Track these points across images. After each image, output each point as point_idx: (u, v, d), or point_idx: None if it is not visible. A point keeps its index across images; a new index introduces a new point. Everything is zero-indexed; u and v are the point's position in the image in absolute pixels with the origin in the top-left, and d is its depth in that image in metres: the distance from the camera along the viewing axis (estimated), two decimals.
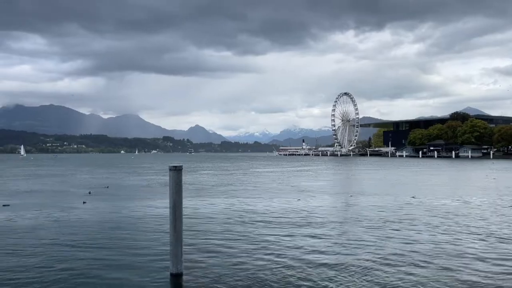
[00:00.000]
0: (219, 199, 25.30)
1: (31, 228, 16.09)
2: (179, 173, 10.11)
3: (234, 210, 20.55)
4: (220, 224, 16.66)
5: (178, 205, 9.97)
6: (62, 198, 26.34)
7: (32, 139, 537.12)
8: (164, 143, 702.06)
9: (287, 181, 40.09)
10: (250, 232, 15.04)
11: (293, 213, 19.44)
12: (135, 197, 27.01)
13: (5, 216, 18.92)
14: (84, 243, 13.32)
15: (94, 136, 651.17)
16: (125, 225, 16.56)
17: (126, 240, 13.76)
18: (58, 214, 19.62)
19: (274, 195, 27.13)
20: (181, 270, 10.02)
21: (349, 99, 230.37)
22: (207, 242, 13.43)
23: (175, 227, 9.94)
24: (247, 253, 12.02)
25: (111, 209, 21.00)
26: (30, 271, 10.39)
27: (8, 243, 13.61)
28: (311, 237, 14.13)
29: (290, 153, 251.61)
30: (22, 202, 24.62)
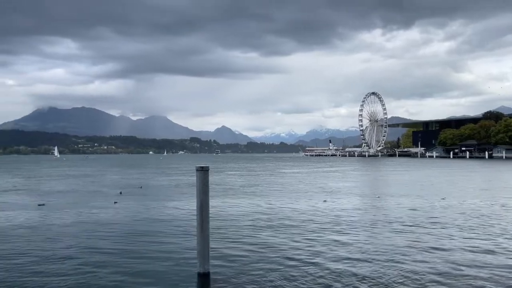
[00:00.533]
0: (246, 200, 25.40)
1: (64, 227, 16.61)
2: (206, 173, 10.20)
3: (260, 211, 20.59)
4: (246, 225, 16.73)
5: (205, 205, 10.06)
6: (94, 198, 27.06)
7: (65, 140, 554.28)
8: (191, 144, 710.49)
9: (314, 182, 39.82)
10: (277, 233, 15.03)
11: (319, 214, 19.31)
12: (163, 197, 27.46)
13: (41, 215, 19.65)
14: (114, 243, 13.61)
15: (123, 137, 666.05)
16: (153, 225, 16.86)
17: (154, 240, 13.98)
18: (90, 213, 20.21)
19: (300, 196, 26.99)
20: (208, 269, 10.10)
21: (377, 98, 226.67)
22: (234, 242, 13.51)
23: (202, 227, 10.03)
24: (274, 254, 12.00)
25: (140, 209, 21.42)
26: (60, 270, 10.63)
27: (41, 241, 14.09)
28: (337, 239, 13.96)
29: (316, 153, 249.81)
30: (56, 201, 25.47)
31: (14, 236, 14.76)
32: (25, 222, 17.74)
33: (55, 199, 26.62)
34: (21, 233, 15.42)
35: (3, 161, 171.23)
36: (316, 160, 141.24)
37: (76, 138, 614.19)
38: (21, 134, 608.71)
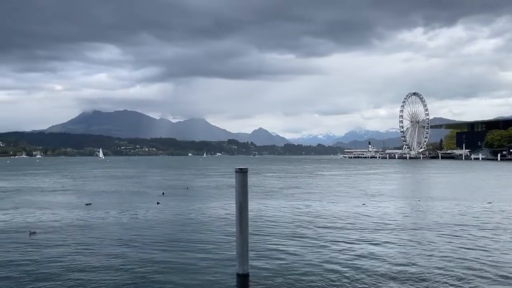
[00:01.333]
0: (285, 202, 25.46)
1: (109, 226, 17.33)
2: (245, 175, 10.33)
3: (299, 213, 20.60)
4: (285, 226, 16.80)
5: (244, 206, 10.20)
6: (137, 199, 27.98)
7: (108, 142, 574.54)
8: (229, 146, 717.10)
9: (353, 185, 39.24)
10: (315, 236, 15.03)
11: (358, 218, 19.07)
12: (204, 198, 27.98)
13: (88, 214, 20.59)
14: (155, 243, 13.96)
15: (163, 140, 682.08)
16: (193, 226, 17.23)
17: (194, 241, 14.29)
18: (133, 213, 20.94)
19: (339, 199, 26.73)
20: (247, 271, 10.22)
21: (418, 99, 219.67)
22: (273, 244, 13.61)
23: (241, 228, 10.17)
24: (313, 257, 12.00)
25: (181, 210, 21.93)
26: (104, 268, 11.01)
27: (88, 239, 14.75)
28: (376, 243, 13.76)
29: (355, 155, 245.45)
30: (102, 201, 26.59)
31: (63, 234, 15.54)
32: (74, 221, 18.65)
33: (101, 199, 27.78)
34: (70, 231, 16.23)
35: (51, 162, 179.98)
36: (355, 162, 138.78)
37: (119, 140, 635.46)
38: (68, 137, 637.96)
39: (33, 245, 13.76)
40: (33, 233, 15.62)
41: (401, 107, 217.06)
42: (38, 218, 19.55)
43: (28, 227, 16.78)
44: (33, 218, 19.39)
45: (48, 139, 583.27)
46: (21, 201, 26.82)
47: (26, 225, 17.25)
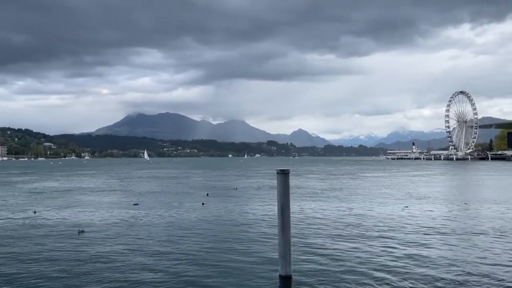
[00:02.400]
0: (327, 203, 25.31)
1: (155, 226, 17.91)
2: (287, 176, 10.36)
3: (341, 215, 20.47)
4: (328, 228, 16.74)
5: (286, 208, 10.25)
6: (182, 199, 28.71)
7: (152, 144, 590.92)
8: (268, 147, 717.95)
9: (396, 187, 38.27)
10: (357, 238, 14.91)
11: (400, 220, 18.70)
12: (246, 199, 28.32)
13: (135, 214, 21.39)
14: (199, 244, 14.22)
15: (204, 141, 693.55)
16: (236, 227, 17.46)
17: (238, 241, 14.52)
18: (179, 213, 21.54)
19: (381, 201, 26.25)
20: (290, 272, 10.24)
21: (465, 98, 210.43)
22: (315, 245, 13.60)
23: (283, 229, 10.22)
24: (355, 259, 11.94)
25: (225, 211, 22.29)
26: (146, 270, 11.25)
27: (136, 237, 15.34)
28: (419, 248, 13.42)
29: (398, 157, 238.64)
30: (148, 201, 27.52)
31: (110, 234, 16.18)
32: (121, 220, 19.45)
33: (147, 199, 28.78)
34: (117, 230, 16.93)
35: (98, 163, 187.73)
36: (399, 164, 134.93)
37: (162, 142, 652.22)
38: (113, 139, 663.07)
39: (81, 244, 14.24)
40: (81, 232, 16.27)
41: (447, 106, 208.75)
42: (87, 217, 20.54)
43: (77, 226, 17.58)
44: (83, 217, 20.37)
45: (95, 141, 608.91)
46: (72, 200, 28.26)
47: (75, 224, 18.09)
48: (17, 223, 18.83)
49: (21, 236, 15.76)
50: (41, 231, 16.73)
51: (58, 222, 18.87)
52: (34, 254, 12.89)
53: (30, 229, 17.37)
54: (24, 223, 18.92)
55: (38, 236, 15.81)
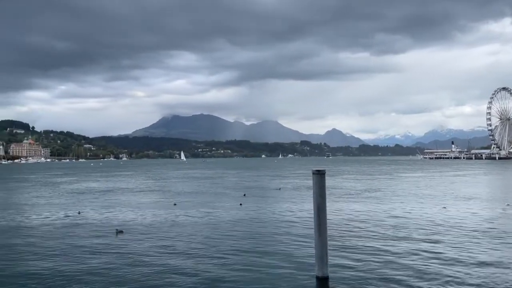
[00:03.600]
0: (363, 204, 24.98)
1: (194, 225, 18.23)
2: (323, 177, 10.27)
3: (378, 215, 20.16)
4: (365, 230, 16.48)
5: (322, 208, 10.16)
6: (220, 199, 29.10)
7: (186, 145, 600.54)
8: (302, 147, 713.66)
9: (435, 187, 37.19)
10: (395, 239, 14.65)
11: (438, 221, 18.23)
12: (283, 200, 28.32)
13: (174, 214, 21.82)
14: (236, 244, 14.30)
15: (238, 142, 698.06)
16: (274, 227, 17.49)
17: (275, 242, 14.53)
18: (216, 213, 21.79)
19: (419, 202, 25.67)
20: (326, 273, 10.14)
21: (508, 94, 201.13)
22: (352, 247, 13.44)
23: (319, 230, 10.15)
24: (393, 262, 11.72)
25: (261, 212, 22.37)
26: (183, 270, 11.33)
27: (170, 240, 15.47)
28: (458, 249, 13.04)
29: (436, 156, 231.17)
30: (187, 201, 28.05)
31: (148, 234, 16.54)
32: (160, 220, 19.89)
33: (186, 199, 29.35)
34: (155, 230, 17.29)
35: (135, 164, 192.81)
36: (437, 164, 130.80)
37: (196, 142, 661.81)
38: (149, 140, 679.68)
39: (118, 245, 14.45)
40: (120, 232, 16.59)
41: (488, 103, 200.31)
42: (127, 217, 21.12)
43: (117, 226, 17.98)
44: (122, 217, 20.95)
45: (132, 143, 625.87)
46: (112, 200, 29.20)
47: (115, 224, 18.53)
48: (62, 222, 19.67)
49: (63, 235, 16.40)
50: (83, 230, 17.32)
51: (99, 222, 19.47)
52: (74, 253, 13.35)
53: (73, 228, 18.08)
54: (68, 222, 19.71)
55: (79, 235, 16.37)
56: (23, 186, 46.49)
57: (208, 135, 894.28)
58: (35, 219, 20.84)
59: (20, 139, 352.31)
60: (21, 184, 50.25)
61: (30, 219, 20.87)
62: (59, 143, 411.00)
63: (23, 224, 19.23)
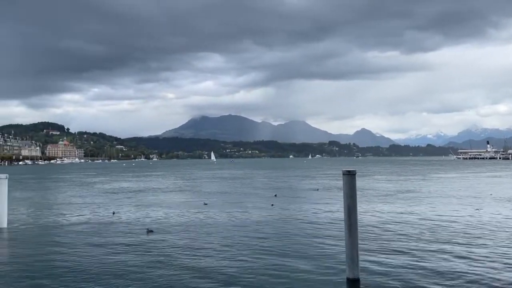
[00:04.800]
0: (394, 205, 24.58)
1: (224, 227, 18.23)
2: (353, 177, 10.18)
3: (411, 217, 19.75)
4: (397, 232, 16.17)
5: (352, 209, 10.07)
6: (250, 199, 29.21)
7: (214, 145, 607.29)
8: (330, 147, 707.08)
9: (469, 188, 36.07)
10: (427, 240, 14.34)
11: (474, 224, 17.69)
12: (314, 200, 28.14)
13: (204, 214, 22.03)
14: (266, 245, 14.21)
15: (265, 142, 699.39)
16: (304, 228, 17.36)
17: (305, 243, 14.41)
18: (247, 214, 21.79)
19: (453, 203, 25.00)
20: (357, 275, 10.00)
21: None
22: (384, 249, 13.20)
23: (350, 231, 10.06)
24: (425, 263, 11.48)
25: (292, 213, 22.24)
26: (211, 272, 11.22)
27: (200, 241, 15.58)
28: (490, 253, 12.58)
29: (471, 156, 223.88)
30: (216, 201, 28.32)
31: (178, 235, 16.70)
32: (189, 220, 20.11)
33: (216, 199, 29.67)
34: (186, 230, 17.46)
35: (166, 164, 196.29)
36: (472, 164, 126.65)
37: (224, 143, 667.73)
38: (179, 141, 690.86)
39: (148, 244, 14.61)
40: (150, 231, 16.87)
41: None
42: (157, 216, 21.48)
43: (147, 225, 18.33)
44: (153, 217, 21.35)
45: (162, 144, 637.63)
46: (144, 200, 29.84)
47: (145, 224, 18.86)
48: (96, 221, 20.25)
49: (96, 233, 16.86)
50: (115, 229, 17.74)
51: (131, 221, 19.90)
52: (104, 250, 13.69)
53: (106, 226, 18.57)
54: (102, 221, 20.26)
55: (111, 233, 16.78)
56: (59, 186, 48.22)
57: (236, 135, 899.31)
58: (72, 217, 21.57)
59: (56, 140, 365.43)
60: (58, 184, 52.13)
61: (67, 217, 21.62)
62: (92, 144, 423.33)
63: (62, 223, 19.95)
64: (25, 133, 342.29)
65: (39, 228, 18.57)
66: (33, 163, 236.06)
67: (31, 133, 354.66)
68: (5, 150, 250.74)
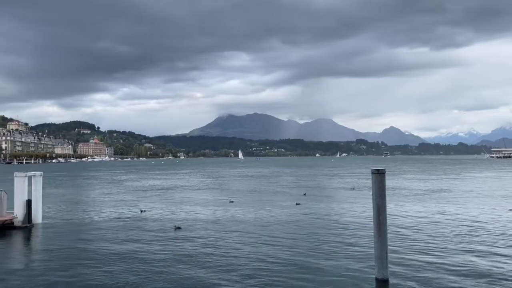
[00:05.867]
0: (425, 204, 24.04)
1: (249, 225, 18.32)
2: (382, 176, 10.00)
3: (442, 217, 19.27)
4: (428, 232, 15.80)
5: (382, 209, 9.88)
6: (277, 198, 29.18)
7: (240, 144, 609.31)
8: (357, 146, 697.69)
9: (504, 188, 34.76)
10: (458, 241, 13.99)
11: (506, 224, 17.12)
12: (342, 199, 27.87)
13: (230, 212, 22.20)
14: (292, 244, 14.11)
15: (291, 141, 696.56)
16: (331, 228, 17.17)
17: (332, 243, 14.22)
18: (274, 212, 21.77)
19: (486, 203, 24.36)
20: (387, 276, 9.84)
21: None
22: (414, 250, 12.91)
23: (379, 231, 9.89)
24: (455, 263, 11.23)
25: (319, 211, 22.10)
26: (236, 269, 11.36)
27: (225, 238, 15.66)
28: None
29: (505, 155, 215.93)
30: (243, 199, 28.48)
31: (205, 231, 16.85)
32: (216, 218, 20.33)
33: (242, 197, 29.83)
34: (212, 227, 17.64)
35: (193, 162, 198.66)
36: (506, 163, 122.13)
37: (250, 141, 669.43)
38: (206, 139, 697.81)
39: (175, 241, 14.79)
40: (178, 228, 17.13)
41: None
42: (185, 213, 21.78)
43: (176, 221, 18.66)
44: (181, 214, 21.64)
45: (189, 142, 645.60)
46: (172, 198, 30.27)
47: (173, 220, 19.20)
48: (126, 217, 20.74)
49: (126, 229, 17.27)
50: (145, 225, 18.12)
51: (159, 218, 20.26)
52: (133, 246, 13.97)
53: (136, 222, 18.98)
54: (131, 217, 20.75)
55: (140, 230, 17.13)
56: (91, 183, 49.56)
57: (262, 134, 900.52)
58: (102, 214, 22.16)
59: (87, 138, 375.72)
60: (89, 181, 53.61)
61: (98, 214, 22.22)
62: (122, 142, 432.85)
63: (93, 219, 20.52)
64: (58, 132, 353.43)
65: (71, 224, 19.16)
66: (66, 161, 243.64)
67: (63, 132, 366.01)
68: (40, 149, 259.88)
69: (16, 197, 18.26)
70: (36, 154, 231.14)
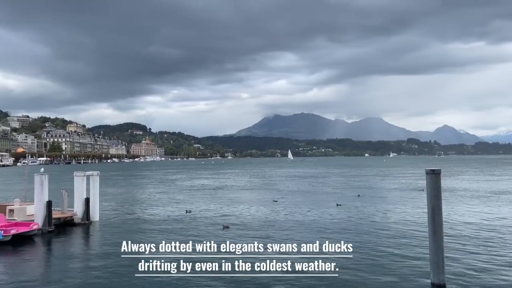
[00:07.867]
0: (485, 207, 22.99)
1: (292, 224, 18.22)
2: (438, 177, 9.65)
3: (502, 221, 18.35)
4: (485, 234, 15.26)
5: (437, 210, 9.55)
6: (332, 198, 28.90)
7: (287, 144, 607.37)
8: (409, 145, 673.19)
9: None
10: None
11: None
12: (392, 200, 27.15)
13: (274, 211, 22.31)
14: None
15: (339, 140, 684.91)
16: (385, 230, 16.74)
17: (386, 247, 13.86)
18: (320, 213, 21.58)
19: None
20: (443, 281, 9.46)
21: None
22: (472, 254, 12.40)
23: (434, 234, 9.55)
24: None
25: (370, 212, 21.66)
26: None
27: (269, 238, 15.58)
28: None
29: None
30: (286, 198, 28.49)
31: (251, 231, 17.00)
32: (261, 217, 20.47)
33: (286, 196, 29.84)
34: (258, 227, 17.70)
35: (240, 162, 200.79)
36: None
37: (297, 141, 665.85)
38: (252, 140, 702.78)
39: (225, 239, 14.71)
40: (226, 227, 17.45)
41: None
42: (234, 212, 22.14)
43: (224, 221, 18.98)
44: (229, 213, 22.03)
45: (236, 142, 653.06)
46: (220, 197, 30.85)
47: (222, 220, 19.55)
48: (177, 215, 21.44)
49: (176, 227, 17.82)
50: (194, 224, 18.64)
51: (208, 217, 20.76)
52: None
53: (186, 220, 19.55)
54: (182, 215, 21.41)
55: (191, 228, 17.60)
56: (144, 183, 51.49)
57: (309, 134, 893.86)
58: (155, 212, 23.07)
59: (139, 139, 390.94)
60: (142, 181, 55.71)
61: (150, 212, 23.11)
62: (172, 143, 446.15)
63: (145, 218, 21.38)
64: (113, 133, 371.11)
65: (126, 222, 20.02)
66: (120, 160, 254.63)
67: (117, 133, 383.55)
68: (96, 149, 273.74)
69: (76, 195, 19.34)
70: (93, 155, 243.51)
